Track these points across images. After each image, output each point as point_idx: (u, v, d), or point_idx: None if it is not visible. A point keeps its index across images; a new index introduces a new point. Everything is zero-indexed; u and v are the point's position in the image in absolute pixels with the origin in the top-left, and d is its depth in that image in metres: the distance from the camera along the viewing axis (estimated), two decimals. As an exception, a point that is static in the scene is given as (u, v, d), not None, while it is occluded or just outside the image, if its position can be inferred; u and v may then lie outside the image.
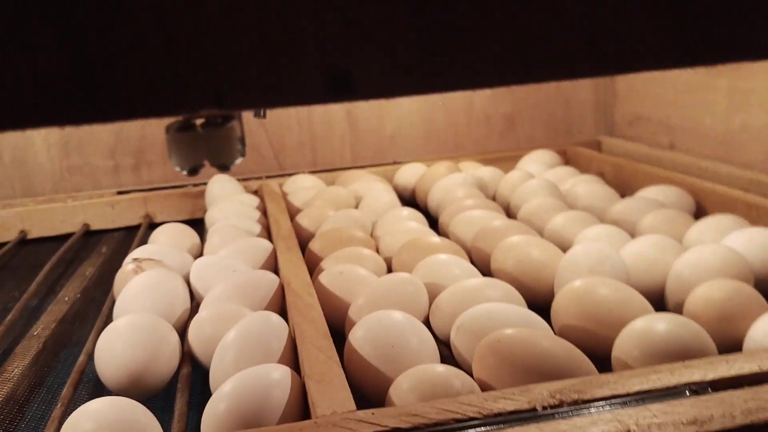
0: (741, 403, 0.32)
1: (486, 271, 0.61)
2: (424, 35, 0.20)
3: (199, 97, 0.20)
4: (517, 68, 0.22)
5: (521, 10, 0.21)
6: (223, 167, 0.23)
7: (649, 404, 0.33)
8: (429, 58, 0.20)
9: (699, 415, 0.31)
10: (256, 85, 0.20)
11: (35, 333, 0.60)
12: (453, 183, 0.83)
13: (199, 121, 0.23)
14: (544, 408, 0.33)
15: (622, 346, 0.42)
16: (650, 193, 0.76)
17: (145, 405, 0.40)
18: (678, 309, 0.50)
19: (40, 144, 0.97)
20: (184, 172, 0.23)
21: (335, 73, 0.20)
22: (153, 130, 0.98)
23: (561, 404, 0.34)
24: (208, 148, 0.22)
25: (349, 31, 0.20)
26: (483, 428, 0.32)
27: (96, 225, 0.90)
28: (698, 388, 0.34)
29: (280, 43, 0.20)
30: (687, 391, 0.34)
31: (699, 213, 0.73)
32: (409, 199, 0.91)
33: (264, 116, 0.51)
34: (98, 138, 0.98)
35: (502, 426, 0.32)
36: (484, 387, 0.39)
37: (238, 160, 0.23)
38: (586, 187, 0.79)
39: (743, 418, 0.31)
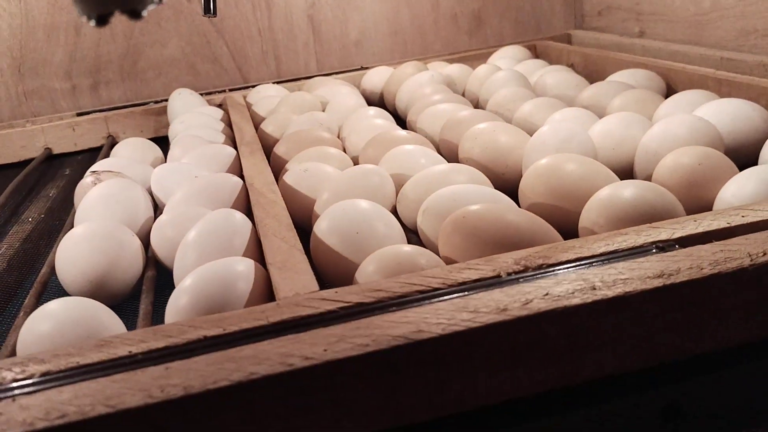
0: (709, 256, 0.32)
1: (454, 161, 0.59)
2: None
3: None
4: None
5: None
6: (134, 13, 0.21)
7: (615, 263, 0.32)
8: None
9: (666, 269, 0.31)
10: None
11: (-1, 253, 0.59)
12: (420, 81, 0.81)
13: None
14: (509, 274, 0.33)
15: (588, 216, 0.41)
16: (620, 77, 0.74)
17: (111, 308, 0.40)
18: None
19: (-8, 70, 0.93)
20: (92, 23, 0.21)
21: None
22: (108, 47, 0.94)
23: (526, 270, 0.33)
24: (117, -9, 0.20)
25: None
26: (447, 297, 0.31)
27: (58, 149, 0.87)
28: (665, 246, 0.34)
29: None
30: (654, 249, 0.34)
31: (670, 93, 0.71)
32: (378, 103, 0.89)
33: (214, 14, 0.48)
34: (52, 60, 0.94)
35: (466, 293, 0.31)
36: (451, 263, 0.39)
37: (151, 6, 0.21)
38: (555, 75, 0.77)
39: (711, 269, 0.31)
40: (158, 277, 0.47)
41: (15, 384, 0.28)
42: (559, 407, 0.31)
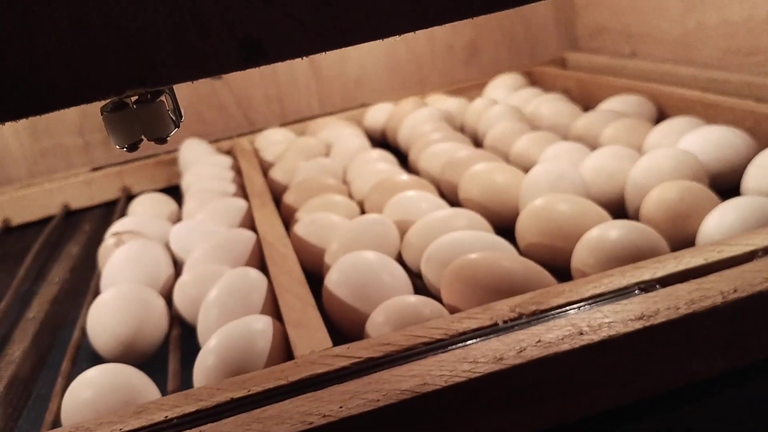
0: (685, 295, 0.34)
1: (455, 202, 0.63)
2: (325, -6, 0.22)
3: (122, 79, 0.21)
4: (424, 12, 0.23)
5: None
6: (160, 140, 0.24)
7: (601, 306, 0.35)
8: (331, 15, 0.22)
9: (646, 310, 0.34)
10: (175, 61, 0.21)
11: (31, 316, 0.62)
12: (420, 119, 0.85)
13: (133, 98, 0.24)
14: (505, 322, 0.36)
15: (578, 257, 0.44)
16: (612, 104, 0.77)
17: (141, 369, 0.43)
18: (636, 216, 0.52)
19: (8, 131, 0.97)
20: (124, 149, 0.24)
21: (248, 43, 0.21)
22: (119, 103, 0.98)
23: (520, 316, 0.36)
24: (141, 124, 0.24)
25: (255, 2, 0.21)
26: (449, 348, 0.34)
27: (75, 204, 0.91)
28: (647, 286, 0.37)
29: (194, 20, 0.21)
30: (636, 290, 0.36)
31: (661, 117, 0.74)
32: (380, 139, 0.93)
33: (219, 77, 0.52)
34: (64, 118, 0.98)
35: (466, 343, 0.34)
36: (453, 311, 0.42)
37: (173, 131, 0.25)
38: (549, 106, 0.80)
39: (686, 309, 0.33)
40: (182, 334, 0.50)
41: (65, 454, 0.31)
42: (557, 444, 0.34)
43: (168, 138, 0.24)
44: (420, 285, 0.49)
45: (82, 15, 0.21)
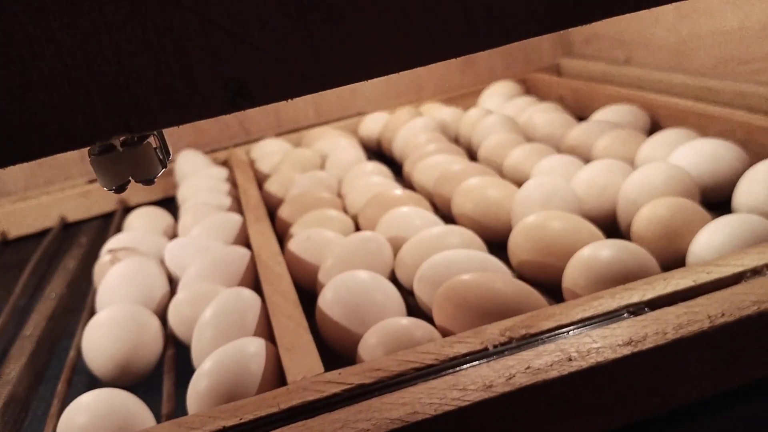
0: (673, 319, 0.35)
1: (449, 215, 0.63)
2: (307, 38, 0.22)
3: (108, 126, 0.21)
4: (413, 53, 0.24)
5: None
6: (148, 181, 0.24)
7: (590, 330, 0.35)
8: (318, 59, 0.22)
9: (634, 335, 0.34)
10: (161, 107, 0.22)
11: (27, 333, 0.62)
12: (414, 129, 0.85)
13: (120, 140, 0.25)
14: (495, 347, 0.36)
15: (569, 276, 0.44)
16: (605, 114, 0.78)
17: (136, 389, 0.43)
18: (629, 231, 0.52)
19: (6, 144, 0.97)
20: (112, 191, 0.25)
21: (234, 88, 0.22)
22: (115, 114, 0.99)
23: (510, 341, 0.36)
24: (129, 166, 0.24)
25: (239, 47, 0.22)
26: (440, 374, 0.35)
27: (73, 216, 0.91)
28: (636, 309, 0.37)
29: (178, 65, 0.22)
30: (625, 314, 0.37)
31: (654, 128, 0.75)
32: (375, 149, 0.93)
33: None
34: (62, 130, 0.98)
35: (457, 369, 0.35)
36: (445, 333, 0.42)
37: (160, 172, 0.25)
38: (543, 116, 0.80)
39: (674, 333, 0.34)
40: (177, 353, 0.51)
41: (59, 485, 0.31)
42: (548, 469, 0.34)
43: (155, 180, 0.25)
44: (413, 303, 0.50)
45: (68, 64, 0.21)
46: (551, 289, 0.48)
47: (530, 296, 0.42)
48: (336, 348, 0.46)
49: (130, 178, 0.24)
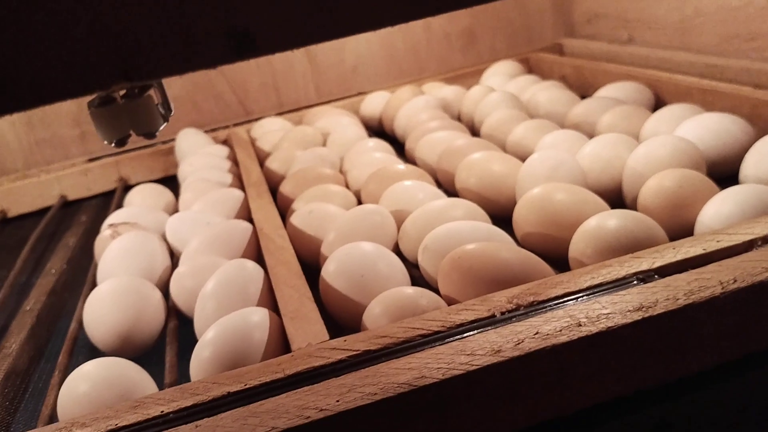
0: (684, 286, 0.34)
1: (452, 191, 0.62)
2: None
3: (107, 74, 0.21)
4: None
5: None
6: (149, 135, 0.24)
7: (599, 297, 0.35)
8: (321, 8, 0.21)
9: (644, 301, 0.34)
10: (160, 55, 0.21)
11: (27, 308, 0.62)
12: (416, 107, 0.84)
13: (120, 92, 0.24)
14: (503, 313, 0.35)
15: (576, 246, 0.44)
16: (609, 91, 0.77)
17: (138, 360, 0.43)
18: (634, 204, 0.52)
19: (4, 121, 0.97)
20: (113, 144, 0.24)
21: (238, 35, 0.21)
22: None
23: (518, 308, 0.36)
24: (129, 119, 0.23)
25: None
26: (447, 340, 0.34)
27: (72, 195, 0.91)
28: (645, 277, 0.36)
29: (180, 12, 0.21)
30: (635, 281, 0.36)
31: (658, 104, 0.74)
32: (377, 128, 0.92)
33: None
34: (60, 108, 0.97)
35: (463, 336, 0.34)
36: (450, 302, 0.42)
37: (162, 126, 0.24)
38: (546, 93, 0.80)
39: (685, 299, 0.33)
40: (179, 325, 0.50)
41: (62, 450, 0.31)
42: (556, 435, 0.34)
43: (157, 133, 0.24)
44: (417, 275, 0.49)
45: (68, 11, 0.20)
46: (557, 261, 0.47)
47: (537, 265, 0.41)
48: (340, 319, 0.45)
49: (131, 132, 0.23)
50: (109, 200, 0.86)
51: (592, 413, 0.33)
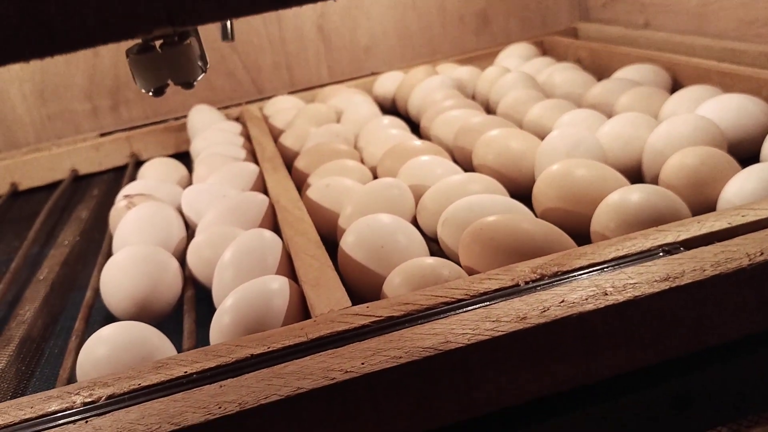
0: (711, 257, 0.34)
1: (469, 168, 0.62)
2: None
3: (150, 17, 0.20)
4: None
5: None
6: (187, 84, 0.24)
7: (624, 268, 0.35)
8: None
9: (671, 272, 0.33)
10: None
11: (41, 277, 0.62)
12: (431, 87, 0.84)
13: (158, 42, 0.24)
14: (527, 283, 0.35)
15: (599, 220, 0.44)
16: (626, 73, 0.76)
17: (156, 328, 0.43)
18: (654, 182, 0.51)
19: (16, 95, 0.97)
20: (150, 93, 0.24)
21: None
22: (126, 68, 0.97)
23: (542, 278, 0.35)
24: (169, 67, 0.23)
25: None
26: (471, 307, 0.34)
27: (84, 169, 0.90)
28: (671, 249, 0.36)
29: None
30: (660, 252, 0.36)
31: (675, 87, 0.73)
32: (390, 108, 0.92)
33: (232, 38, 0.51)
34: (72, 83, 0.97)
35: (488, 303, 0.34)
36: (472, 273, 0.41)
37: (200, 76, 0.24)
38: (562, 75, 0.79)
39: (713, 270, 0.33)
40: (196, 295, 0.50)
41: (85, 407, 0.31)
42: (579, 404, 0.33)
43: (195, 83, 0.24)
44: (436, 249, 0.49)
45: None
46: (577, 237, 0.47)
47: (560, 237, 0.41)
48: (359, 291, 0.45)
49: (169, 81, 0.23)
50: (120, 175, 0.86)
51: (617, 383, 0.33)
